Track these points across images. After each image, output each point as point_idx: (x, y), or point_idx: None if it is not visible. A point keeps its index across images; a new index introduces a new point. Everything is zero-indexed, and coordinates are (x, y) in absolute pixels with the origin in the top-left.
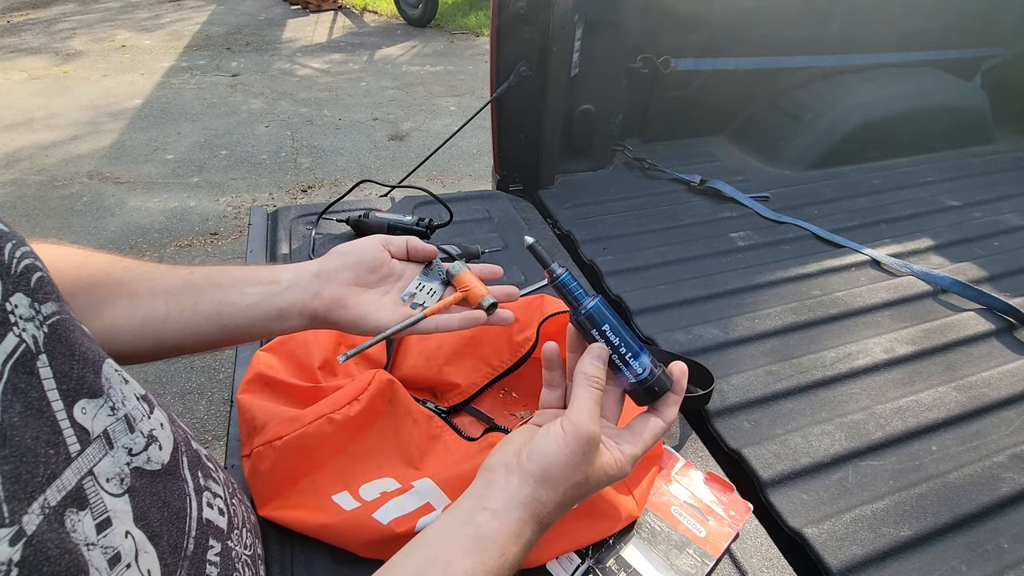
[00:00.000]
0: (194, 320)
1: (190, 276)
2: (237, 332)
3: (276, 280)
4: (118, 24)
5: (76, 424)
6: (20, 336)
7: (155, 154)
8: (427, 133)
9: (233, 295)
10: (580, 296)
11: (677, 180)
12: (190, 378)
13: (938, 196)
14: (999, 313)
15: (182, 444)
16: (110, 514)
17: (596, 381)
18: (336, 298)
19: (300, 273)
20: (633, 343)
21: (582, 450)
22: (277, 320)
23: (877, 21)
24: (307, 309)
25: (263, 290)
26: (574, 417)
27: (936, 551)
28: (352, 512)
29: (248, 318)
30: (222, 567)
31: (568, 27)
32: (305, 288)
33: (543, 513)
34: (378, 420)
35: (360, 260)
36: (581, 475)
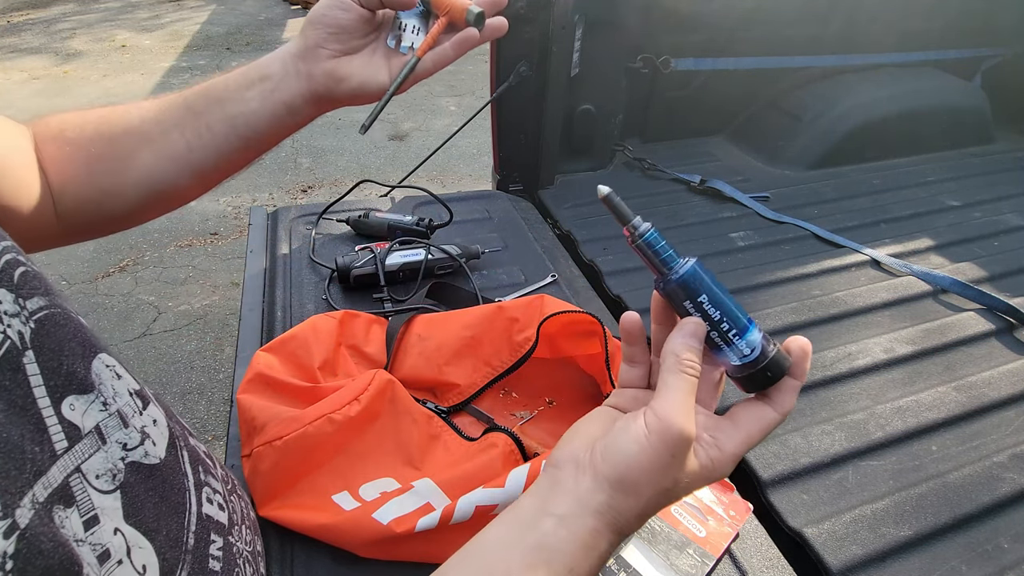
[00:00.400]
0: (215, 141)
1: (188, 102)
2: (258, 136)
3: (267, 75)
4: (118, 24)
5: (64, 420)
6: (4, 332)
7: None
8: (427, 133)
9: (237, 105)
10: (670, 258)
11: (677, 180)
12: (190, 378)
13: (938, 196)
14: (999, 313)
15: (180, 439)
16: (97, 511)
17: (690, 366)
18: (330, 72)
19: (285, 60)
20: (740, 316)
21: (671, 452)
22: (288, 114)
23: (877, 21)
24: (309, 94)
25: (260, 90)
26: (661, 412)
27: (936, 551)
28: (352, 512)
29: (261, 120)
30: (225, 562)
31: (568, 27)
32: (297, 74)
33: (621, 523)
34: (378, 420)
35: (338, 26)
36: (669, 481)
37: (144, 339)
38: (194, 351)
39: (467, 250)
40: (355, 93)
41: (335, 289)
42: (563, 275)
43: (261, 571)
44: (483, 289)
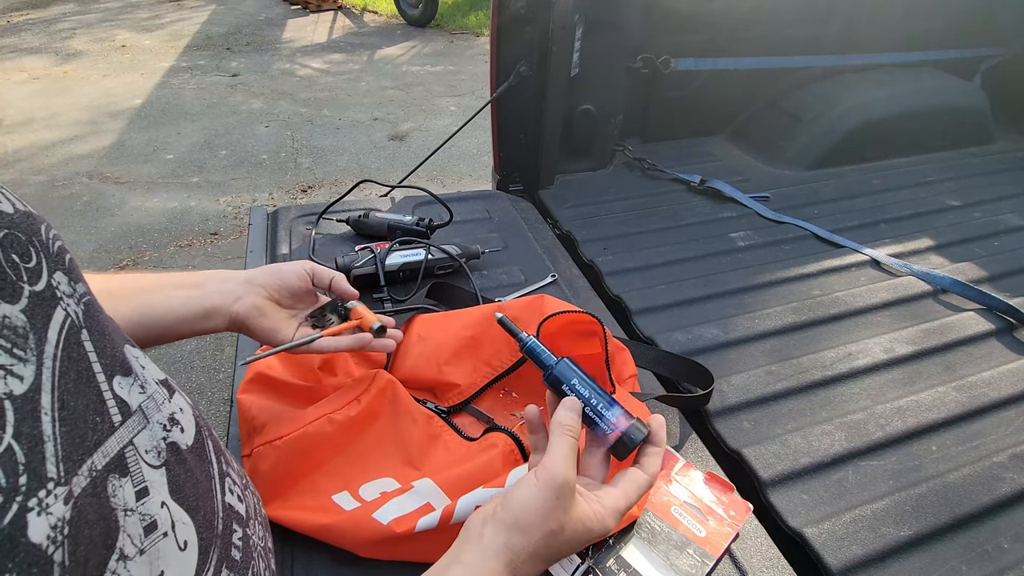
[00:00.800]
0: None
1: (111, 285)
2: (161, 331)
3: (202, 284)
4: (118, 24)
5: (117, 396)
6: (66, 310)
7: (155, 154)
8: (427, 133)
9: (157, 298)
10: (547, 358)
11: (677, 180)
12: (190, 378)
13: (938, 196)
14: (999, 313)
15: (204, 429)
16: (147, 484)
17: (570, 429)
18: (257, 306)
19: (228, 279)
20: (604, 396)
21: (555, 495)
22: (203, 319)
23: (877, 21)
24: (230, 311)
25: (188, 293)
26: (547, 463)
27: (936, 551)
28: (352, 512)
29: (171, 318)
30: (244, 552)
31: (568, 27)
32: (230, 292)
33: (516, 563)
34: (378, 420)
35: (285, 284)
36: (555, 523)
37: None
38: (194, 351)
39: (467, 250)
40: (266, 331)
41: None
42: (563, 275)
43: (272, 568)
44: (483, 289)
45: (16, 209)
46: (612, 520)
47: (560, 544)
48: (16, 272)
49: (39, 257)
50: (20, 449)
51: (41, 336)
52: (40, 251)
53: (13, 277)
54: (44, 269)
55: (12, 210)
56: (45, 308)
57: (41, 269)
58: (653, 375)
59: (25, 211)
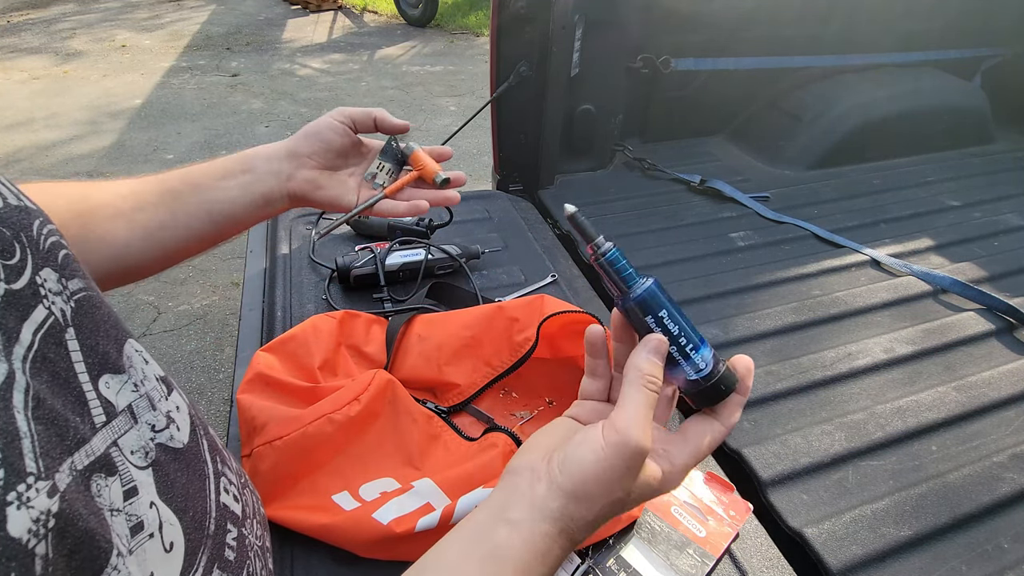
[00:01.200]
0: (189, 222)
1: (167, 183)
2: (231, 223)
3: (250, 169)
4: (118, 24)
5: (101, 396)
6: (49, 308)
7: (155, 154)
8: (427, 133)
9: (216, 192)
10: (630, 276)
11: (677, 180)
12: (190, 378)
13: (938, 196)
14: (999, 313)
15: (200, 428)
16: (136, 483)
17: (652, 381)
18: (310, 180)
19: (272, 157)
20: (695, 333)
21: (626, 465)
22: (264, 205)
23: (877, 21)
24: (287, 191)
25: (242, 181)
26: (620, 424)
27: (936, 551)
28: (352, 512)
29: (237, 209)
30: (238, 552)
31: (568, 27)
32: (279, 172)
33: (573, 529)
34: (378, 420)
35: (328, 146)
36: (622, 491)
37: (144, 339)
38: (194, 351)
39: (467, 250)
40: (326, 202)
41: (335, 289)
42: (563, 275)
43: (269, 567)
44: (483, 289)
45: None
46: (679, 479)
47: (621, 509)
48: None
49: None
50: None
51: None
52: (27, 247)
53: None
54: (28, 266)
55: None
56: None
57: (24, 266)
58: None
59: (19, 206)
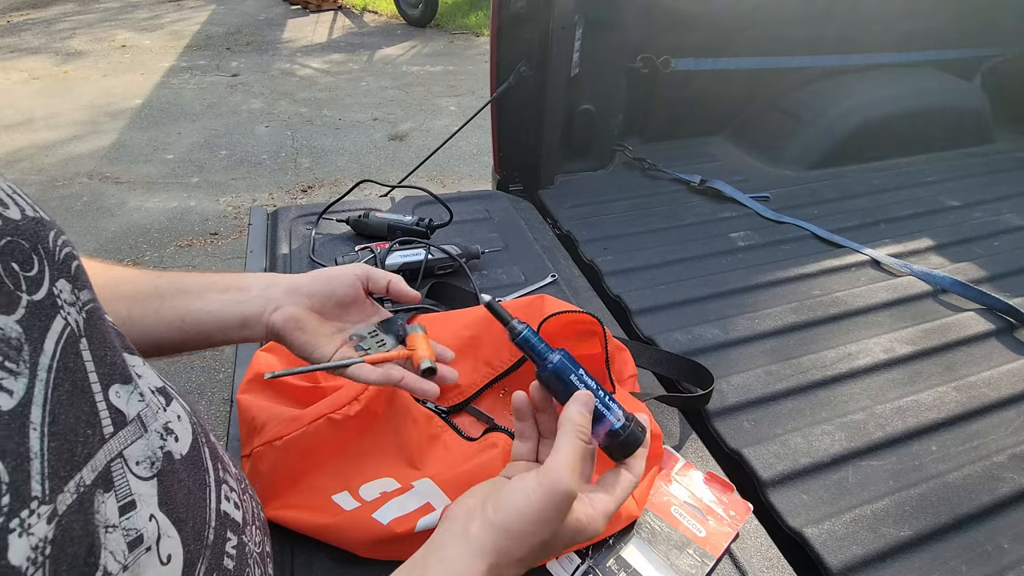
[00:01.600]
0: (157, 325)
1: (155, 282)
2: (199, 336)
3: (244, 287)
4: (118, 24)
5: (112, 406)
6: (66, 319)
7: (155, 154)
8: (427, 133)
9: (199, 301)
10: (545, 349)
11: (677, 180)
12: (190, 378)
13: (938, 196)
14: (999, 313)
15: (201, 436)
16: (134, 497)
17: (583, 431)
18: (295, 318)
19: (271, 285)
20: (605, 393)
21: (556, 506)
22: (240, 327)
23: (877, 21)
24: (265, 320)
25: (230, 298)
26: (552, 469)
27: (936, 551)
28: (352, 512)
29: (210, 322)
30: (238, 560)
31: (568, 27)
32: (270, 299)
33: (502, 565)
34: (378, 420)
35: (332, 293)
36: (550, 532)
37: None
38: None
39: (467, 250)
40: (299, 346)
41: None
42: (563, 275)
43: (269, 573)
44: (483, 289)
45: (24, 216)
46: (602, 523)
47: (547, 551)
48: (15, 281)
49: (42, 265)
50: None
51: (37, 347)
52: (44, 259)
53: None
54: (46, 277)
55: (20, 216)
56: (43, 318)
57: (43, 277)
58: (653, 375)
59: (34, 217)
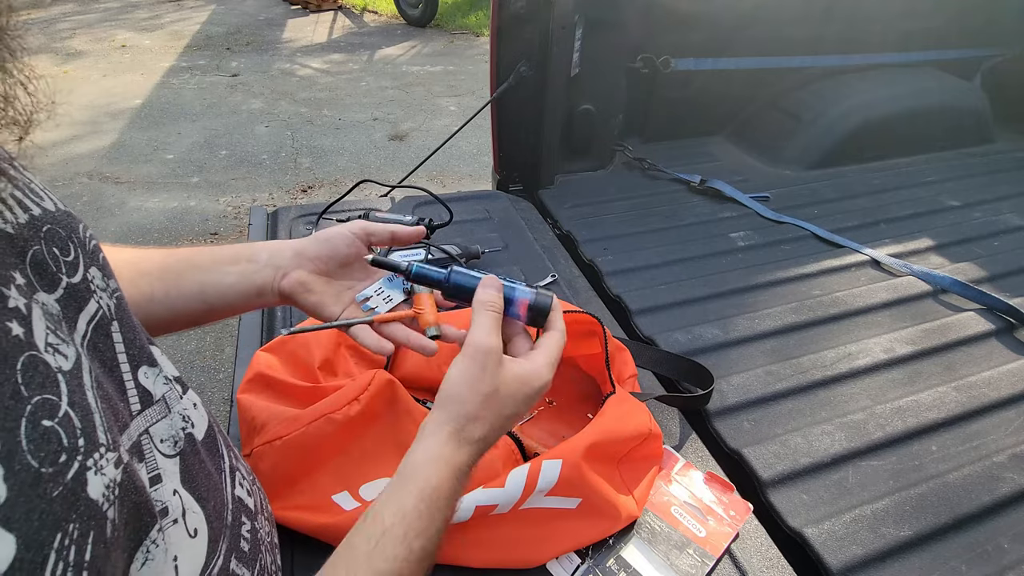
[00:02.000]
0: (180, 300)
1: (169, 259)
2: (221, 309)
3: (254, 259)
4: (118, 24)
5: (140, 386)
6: (99, 303)
7: (155, 154)
8: (427, 133)
9: (215, 275)
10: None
11: (677, 180)
12: (190, 378)
13: (938, 196)
14: (999, 313)
15: (215, 425)
16: (160, 471)
17: (491, 305)
18: (303, 282)
19: (278, 251)
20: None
21: (480, 363)
22: (257, 296)
23: (877, 21)
24: (276, 287)
25: (243, 269)
26: (471, 338)
27: (936, 551)
28: (353, 512)
29: (230, 296)
30: (252, 544)
31: (568, 27)
32: (279, 267)
33: (460, 430)
34: (378, 420)
35: (334, 253)
36: (487, 386)
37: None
38: (194, 351)
39: (467, 250)
40: (310, 307)
41: None
42: (563, 275)
43: (278, 562)
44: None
45: (57, 208)
46: (547, 372)
47: (502, 402)
48: (56, 264)
49: (77, 252)
50: (76, 415)
51: (72, 325)
52: (78, 247)
53: (53, 268)
54: (81, 263)
55: (54, 208)
56: (79, 299)
57: (79, 263)
58: (653, 375)
59: (65, 211)
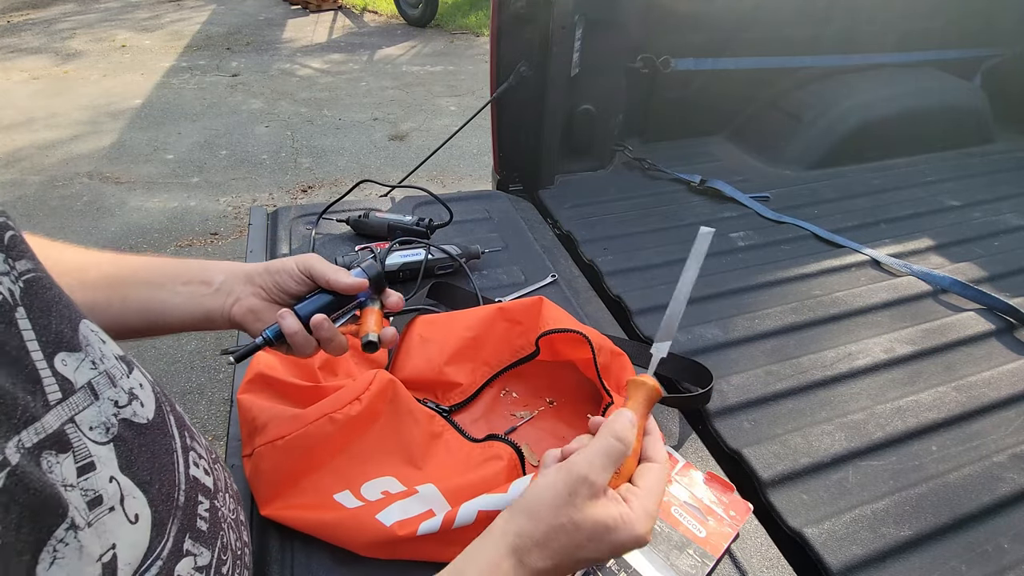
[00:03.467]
0: (122, 314)
1: (119, 271)
2: (163, 328)
3: (208, 282)
4: (118, 24)
5: (57, 374)
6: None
7: (155, 154)
8: (427, 133)
9: (163, 293)
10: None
11: (677, 180)
12: (190, 378)
13: (938, 196)
14: (999, 313)
15: (166, 404)
16: (93, 458)
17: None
18: (253, 309)
19: (231, 275)
20: None
21: (568, 489)
22: (204, 321)
23: (877, 21)
24: (227, 313)
25: (193, 291)
26: (575, 457)
27: (936, 551)
28: (355, 511)
29: (174, 315)
30: (211, 523)
31: (568, 27)
32: (231, 293)
33: (522, 548)
34: (379, 420)
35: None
36: (566, 518)
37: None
38: (194, 351)
39: (467, 250)
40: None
41: None
42: (563, 275)
43: (244, 539)
44: (483, 289)
45: None
46: (645, 522)
47: (576, 543)
48: None
49: None
50: None
51: None
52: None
53: None
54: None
55: None
56: None
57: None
58: (653, 375)
59: None
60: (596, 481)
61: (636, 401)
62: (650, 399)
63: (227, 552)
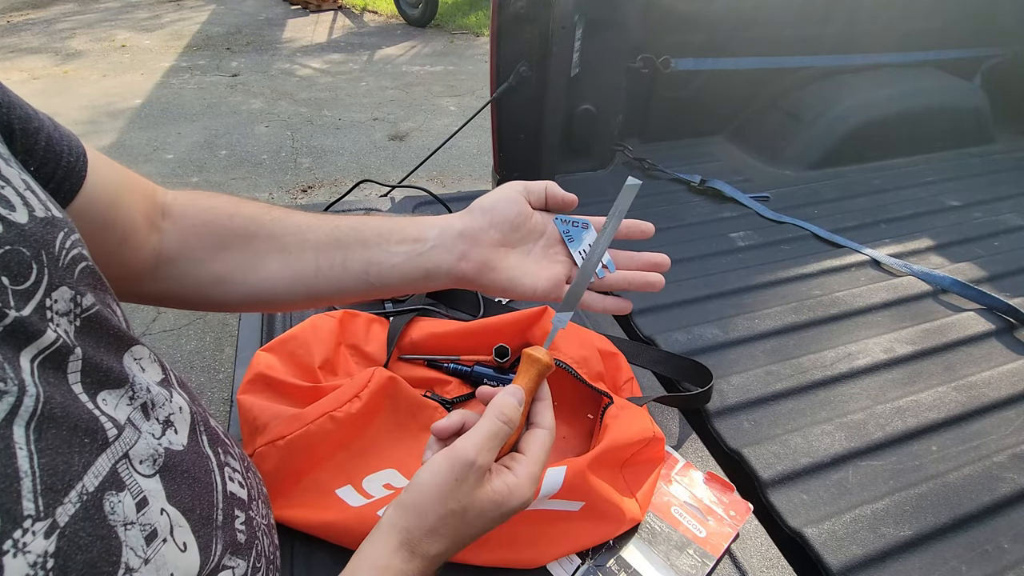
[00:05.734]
0: (344, 276)
1: (336, 231)
2: (384, 288)
3: (421, 238)
4: (118, 24)
5: (105, 413)
6: (56, 331)
7: (155, 154)
8: (427, 133)
9: (380, 254)
10: None
11: (677, 180)
12: (190, 378)
13: (938, 196)
14: (999, 313)
15: (200, 423)
16: (145, 493)
17: (506, 419)
18: (484, 261)
19: (445, 231)
20: None
21: (455, 476)
22: (424, 280)
23: (877, 21)
24: (454, 271)
25: (409, 249)
26: (459, 443)
27: (936, 551)
28: (358, 509)
29: (395, 276)
30: (248, 534)
31: (568, 27)
32: (451, 249)
33: (411, 541)
34: (379, 416)
35: (504, 218)
36: (455, 503)
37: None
38: (194, 351)
39: None
40: (502, 286)
41: None
42: None
43: (275, 542)
44: None
45: (32, 217)
46: (528, 488)
47: (468, 522)
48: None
49: (40, 274)
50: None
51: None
52: (45, 266)
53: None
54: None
55: (26, 219)
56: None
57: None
58: (653, 375)
59: (44, 218)
60: (483, 464)
61: (527, 376)
62: (541, 375)
63: (261, 559)
